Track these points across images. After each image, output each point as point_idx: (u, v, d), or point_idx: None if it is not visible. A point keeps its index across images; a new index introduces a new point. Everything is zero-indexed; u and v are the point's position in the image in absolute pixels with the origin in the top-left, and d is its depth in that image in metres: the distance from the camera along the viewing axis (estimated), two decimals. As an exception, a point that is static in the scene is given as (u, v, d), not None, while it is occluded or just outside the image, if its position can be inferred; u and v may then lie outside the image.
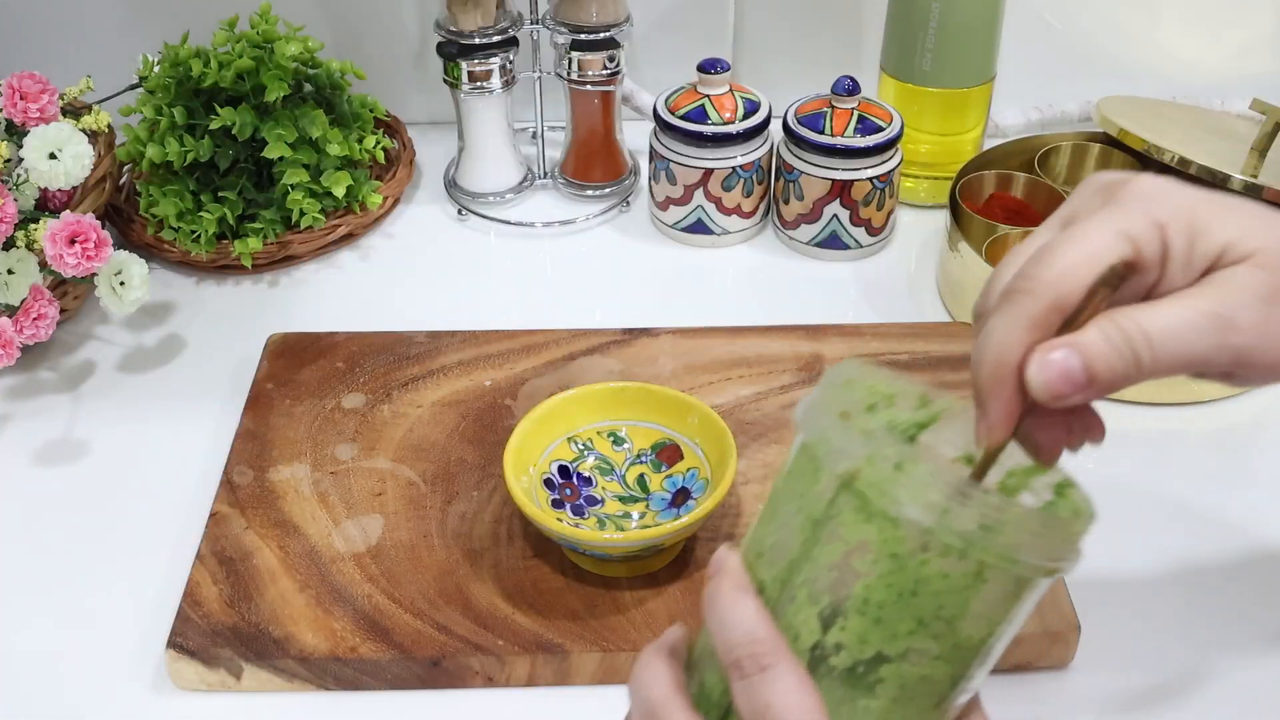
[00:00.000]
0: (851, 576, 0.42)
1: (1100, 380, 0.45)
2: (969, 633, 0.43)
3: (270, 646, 0.67)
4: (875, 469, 0.42)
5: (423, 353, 0.87)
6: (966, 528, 0.41)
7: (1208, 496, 0.79)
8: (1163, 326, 0.44)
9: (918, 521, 0.41)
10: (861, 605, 0.43)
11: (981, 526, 0.41)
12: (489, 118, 1.03)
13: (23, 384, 0.89)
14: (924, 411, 0.51)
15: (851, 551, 0.42)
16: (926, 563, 0.42)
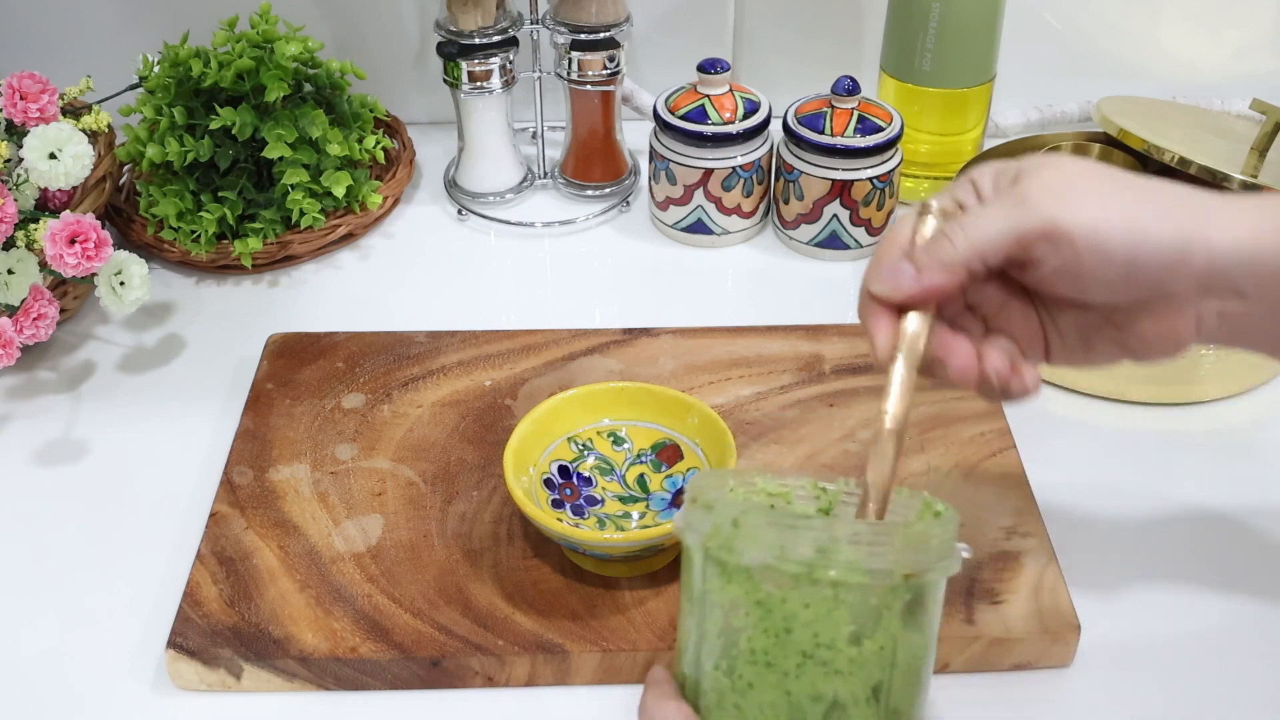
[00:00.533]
0: (735, 634, 0.47)
1: (924, 273, 0.52)
2: (860, 652, 0.46)
3: (270, 646, 0.67)
4: (720, 532, 0.46)
5: (423, 353, 0.87)
6: (805, 554, 0.45)
7: (1207, 497, 0.79)
8: (973, 219, 0.51)
9: (762, 563, 0.45)
10: (750, 656, 0.47)
11: (818, 550, 0.45)
12: (489, 118, 1.03)
13: (23, 384, 0.89)
14: (825, 498, 0.54)
15: (728, 613, 0.47)
16: (786, 599, 0.46)
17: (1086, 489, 0.79)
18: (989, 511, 0.74)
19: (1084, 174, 0.51)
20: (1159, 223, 0.50)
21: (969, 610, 0.68)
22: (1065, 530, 0.74)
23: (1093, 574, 0.73)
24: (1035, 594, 0.69)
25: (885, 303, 0.53)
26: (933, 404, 0.82)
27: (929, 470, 0.77)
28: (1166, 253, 0.50)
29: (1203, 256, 0.50)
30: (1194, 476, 0.80)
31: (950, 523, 0.49)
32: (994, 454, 0.78)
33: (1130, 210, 0.50)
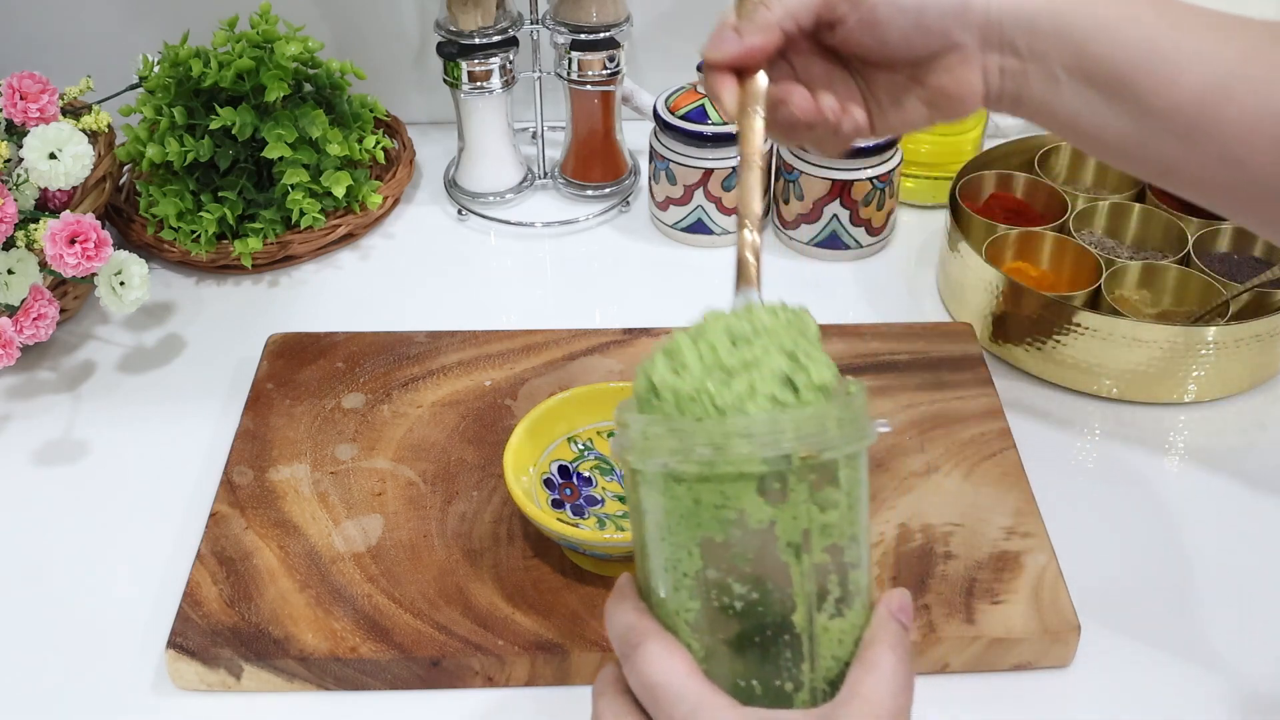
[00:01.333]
0: (665, 531, 0.49)
1: (745, 25, 0.61)
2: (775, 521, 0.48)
3: (270, 646, 0.67)
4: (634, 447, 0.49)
5: (423, 353, 0.87)
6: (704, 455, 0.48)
7: (1207, 497, 0.79)
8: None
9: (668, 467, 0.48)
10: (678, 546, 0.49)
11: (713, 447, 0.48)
12: (489, 118, 1.03)
13: (23, 384, 0.89)
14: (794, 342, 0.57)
15: (655, 515, 0.49)
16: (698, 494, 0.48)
17: (1086, 489, 0.79)
18: (989, 511, 0.74)
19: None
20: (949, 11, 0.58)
21: (969, 610, 0.68)
22: (1065, 530, 0.74)
23: (1093, 574, 0.73)
24: (1035, 594, 0.69)
25: (720, 67, 0.61)
26: (932, 404, 0.82)
27: (929, 470, 0.77)
28: (948, 3, 0.58)
29: (980, 10, 0.58)
30: (1193, 476, 0.80)
31: (851, 402, 0.52)
32: (994, 454, 0.78)
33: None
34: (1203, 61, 0.55)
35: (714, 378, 0.52)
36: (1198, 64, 0.55)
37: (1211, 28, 0.56)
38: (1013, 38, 0.58)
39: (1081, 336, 0.83)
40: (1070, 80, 0.58)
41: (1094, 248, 0.91)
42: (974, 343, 0.87)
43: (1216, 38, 0.56)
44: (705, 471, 0.47)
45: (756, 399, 0.51)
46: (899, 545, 0.72)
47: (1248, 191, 0.56)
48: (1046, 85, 0.59)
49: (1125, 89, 0.57)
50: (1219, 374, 0.84)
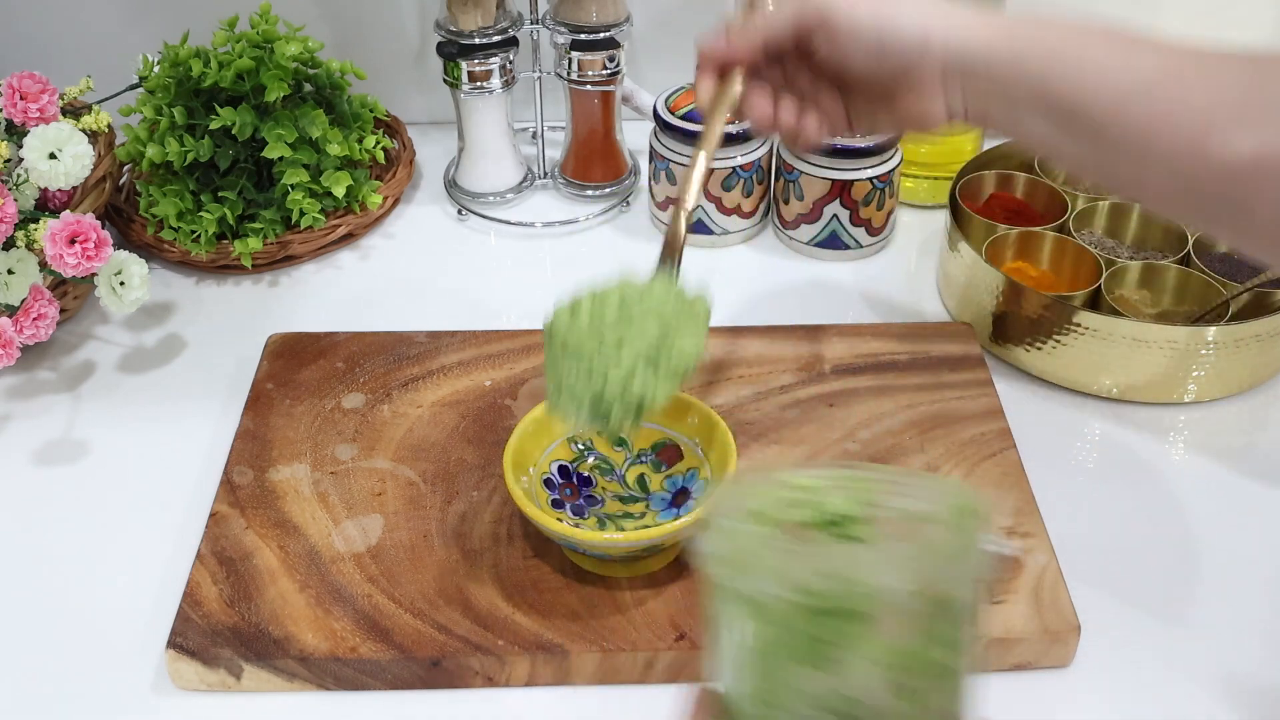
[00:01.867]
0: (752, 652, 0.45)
1: (732, 31, 0.69)
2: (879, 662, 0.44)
3: (270, 646, 0.67)
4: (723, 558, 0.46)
5: (423, 353, 0.87)
6: (807, 582, 0.43)
7: (1207, 497, 0.79)
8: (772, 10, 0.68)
9: (765, 592, 0.44)
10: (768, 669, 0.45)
11: (819, 574, 0.43)
12: (489, 118, 1.03)
13: (23, 384, 0.89)
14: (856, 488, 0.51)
15: (743, 633, 0.45)
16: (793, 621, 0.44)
17: (1086, 489, 0.79)
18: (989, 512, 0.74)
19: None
20: (905, 19, 0.64)
21: (969, 610, 0.68)
22: (1065, 530, 0.74)
23: (1093, 574, 0.73)
24: (1035, 594, 0.69)
25: (707, 62, 0.70)
26: (932, 404, 0.82)
27: (929, 470, 0.77)
28: (909, 42, 0.64)
29: (939, 45, 0.63)
30: (1193, 476, 0.80)
31: (971, 528, 0.47)
32: (994, 454, 0.78)
33: (883, 8, 0.64)
34: (1149, 92, 0.58)
35: (594, 335, 0.57)
36: (1144, 95, 0.58)
37: (1158, 53, 0.60)
38: (972, 70, 0.63)
39: (1081, 336, 0.83)
40: (1028, 110, 0.62)
41: (1094, 248, 0.91)
42: (974, 343, 0.87)
43: (1160, 65, 0.60)
44: (813, 603, 0.43)
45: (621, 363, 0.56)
46: (899, 545, 0.72)
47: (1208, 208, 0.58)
48: (1007, 112, 0.63)
49: (1079, 119, 0.60)
50: (1219, 374, 0.84)
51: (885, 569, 0.44)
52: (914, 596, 0.44)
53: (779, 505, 0.49)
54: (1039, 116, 0.62)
